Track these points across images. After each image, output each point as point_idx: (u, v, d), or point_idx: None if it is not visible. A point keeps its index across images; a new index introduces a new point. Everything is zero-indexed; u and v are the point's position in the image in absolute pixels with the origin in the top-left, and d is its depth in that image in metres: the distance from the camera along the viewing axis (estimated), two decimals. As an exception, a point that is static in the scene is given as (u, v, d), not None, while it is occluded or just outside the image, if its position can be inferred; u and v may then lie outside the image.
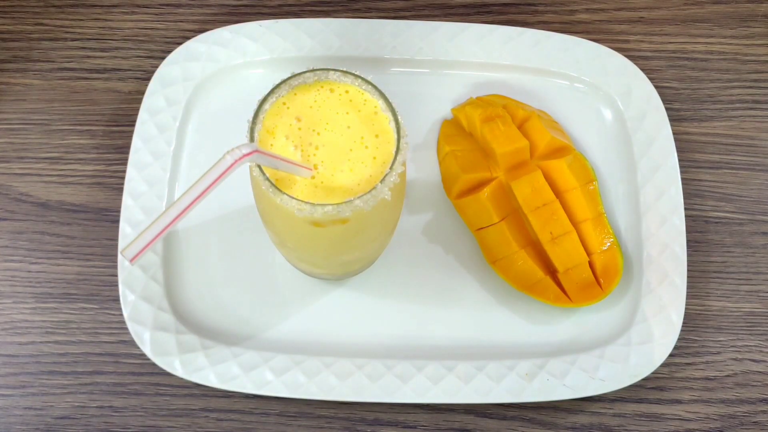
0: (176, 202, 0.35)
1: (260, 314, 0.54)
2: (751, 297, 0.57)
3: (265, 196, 0.41)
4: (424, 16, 0.64)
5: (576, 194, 0.55)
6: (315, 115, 0.43)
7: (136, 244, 0.34)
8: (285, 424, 0.52)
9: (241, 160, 0.37)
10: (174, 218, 0.35)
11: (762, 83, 0.63)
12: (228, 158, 0.36)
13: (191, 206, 0.36)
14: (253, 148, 0.37)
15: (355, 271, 0.53)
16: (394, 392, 0.50)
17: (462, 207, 0.56)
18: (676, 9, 0.65)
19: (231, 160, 0.36)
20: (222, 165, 0.36)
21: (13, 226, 0.57)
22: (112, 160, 0.58)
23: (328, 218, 0.41)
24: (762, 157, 0.60)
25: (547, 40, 0.60)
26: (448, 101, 0.60)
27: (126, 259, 0.34)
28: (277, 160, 0.39)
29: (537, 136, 0.56)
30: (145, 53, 0.62)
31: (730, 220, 0.59)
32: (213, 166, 0.36)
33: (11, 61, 0.61)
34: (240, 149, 0.37)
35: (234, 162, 0.36)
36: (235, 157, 0.36)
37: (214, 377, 0.50)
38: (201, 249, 0.55)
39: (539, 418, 0.53)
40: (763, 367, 0.55)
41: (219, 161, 0.36)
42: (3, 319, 0.54)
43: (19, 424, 0.52)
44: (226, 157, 0.36)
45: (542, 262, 0.54)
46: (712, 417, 0.54)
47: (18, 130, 0.59)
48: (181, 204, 0.35)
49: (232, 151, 0.37)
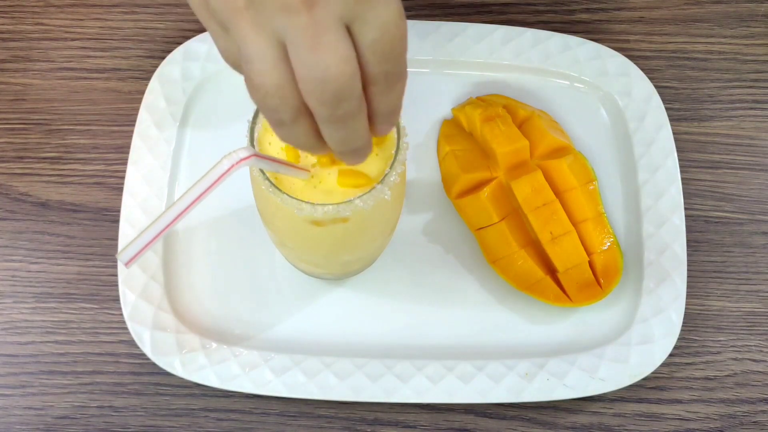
0: (172, 206, 0.35)
1: (260, 314, 0.54)
2: (751, 297, 0.57)
3: (265, 195, 0.41)
4: (424, 16, 0.64)
5: (576, 194, 0.55)
6: None
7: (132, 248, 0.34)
8: (285, 424, 0.52)
9: (238, 165, 0.36)
10: (170, 222, 0.35)
11: (762, 83, 0.63)
12: (225, 162, 0.36)
13: (187, 210, 0.35)
14: (251, 152, 0.37)
15: (355, 271, 0.53)
16: (394, 392, 0.50)
17: (462, 207, 0.56)
18: (676, 9, 0.65)
19: (228, 165, 0.36)
20: (219, 169, 0.36)
21: (13, 226, 0.57)
22: (112, 159, 0.58)
23: (328, 218, 0.41)
24: (762, 157, 0.60)
25: (547, 40, 0.60)
26: (448, 101, 0.60)
27: (121, 262, 0.34)
28: (275, 164, 0.39)
29: (537, 136, 0.56)
30: (145, 53, 0.62)
31: (730, 220, 0.59)
32: (210, 170, 0.36)
33: (11, 61, 0.61)
34: (237, 153, 0.37)
35: (231, 166, 0.36)
36: (232, 162, 0.36)
37: (214, 377, 0.50)
38: (201, 249, 0.55)
39: (539, 418, 0.53)
40: (763, 367, 0.55)
41: (216, 165, 0.36)
42: (3, 319, 0.54)
43: (19, 424, 0.52)
44: (223, 162, 0.36)
45: (542, 262, 0.54)
46: (712, 417, 0.54)
47: (18, 130, 0.59)
48: (177, 208, 0.35)
49: (230, 155, 0.36)
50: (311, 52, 0.29)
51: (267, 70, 0.31)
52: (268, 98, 0.31)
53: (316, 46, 0.29)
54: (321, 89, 0.30)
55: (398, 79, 0.33)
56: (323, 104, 0.31)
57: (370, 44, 0.30)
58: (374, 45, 0.30)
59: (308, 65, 0.30)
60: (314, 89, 0.30)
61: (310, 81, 0.30)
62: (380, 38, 0.30)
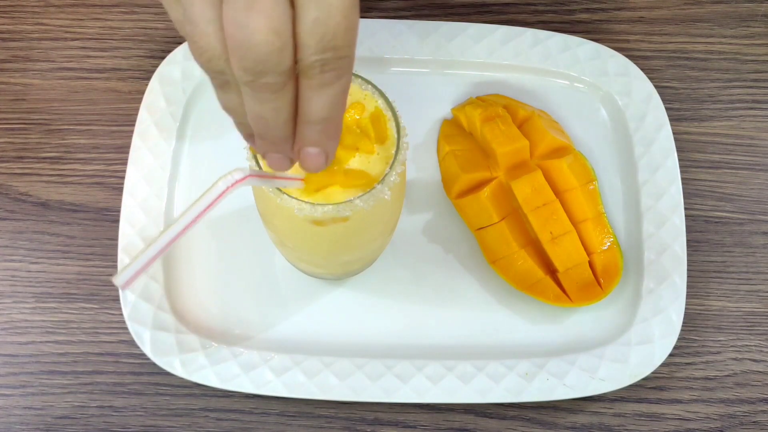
0: (167, 229, 0.35)
1: (260, 314, 0.54)
2: (751, 297, 0.57)
3: (265, 196, 0.41)
4: (424, 16, 0.64)
5: (576, 194, 0.55)
6: None
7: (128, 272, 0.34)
8: (285, 423, 0.52)
9: (233, 187, 0.36)
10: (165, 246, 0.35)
11: (762, 83, 0.63)
12: (220, 184, 0.36)
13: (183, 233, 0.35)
14: (246, 173, 0.37)
15: (355, 271, 0.53)
16: (394, 392, 0.50)
17: (462, 207, 0.56)
18: (676, 9, 0.65)
19: (223, 187, 0.36)
20: (214, 191, 0.36)
21: (13, 226, 0.57)
22: (112, 159, 0.58)
23: (328, 218, 0.41)
24: (762, 157, 0.60)
25: (547, 40, 0.60)
26: (448, 101, 0.60)
27: (118, 285, 0.34)
28: (270, 180, 0.39)
29: (537, 136, 0.56)
30: (145, 53, 0.62)
31: (730, 220, 0.59)
32: (205, 192, 0.36)
33: (11, 61, 0.61)
34: (233, 175, 0.36)
35: (226, 188, 0.36)
36: (227, 184, 0.36)
37: (214, 377, 0.50)
38: (201, 249, 0.55)
39: (539, 418, 0.53)
40: (763, 366, 0.55)
41: (211, 187, 0.36)
42: (3, 319, 0.54)
43: (19, 424, 0.52)
44: (218, 183, 0.36)
45: (542, 262, 0.54)
46: (712, 417, 0.54)
47: (18, 130, 0.59)
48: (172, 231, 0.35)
49: (225, 177, 0.36)
50: (243, 11, 0.28)
51: (211, 32, 0.29)
52: (213, 61, 0.30)
53: (250, 7, 0.28)
54: (243, 53, 0.28)
55: (336, 78, 0.30)
56: (242, 68, 0.29)
57: (310, 24, 0.28)
58: (314, 26, 0.28)
59: (236, 23, 0.28)
60: (236, 50, 0.29)
61: (234, 40, 0.28)
62: (322, 20, 0.28)
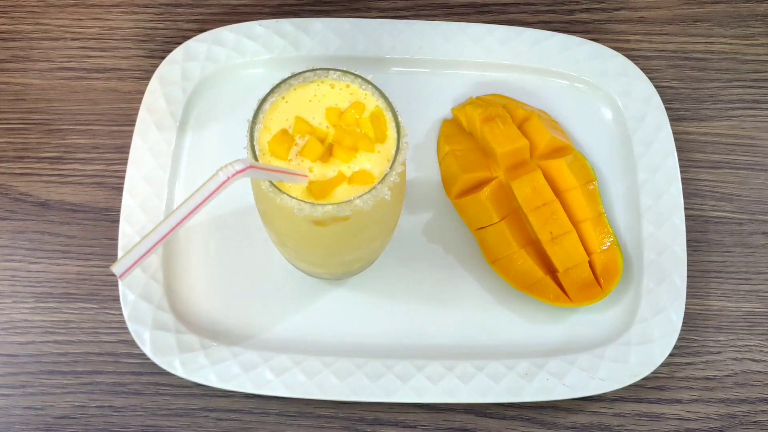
0: (167, 218, 0.35)
1: (260, 314, 0.54)
2: (751, 297, 0.57)
3: (265, 195, 0.41)
4: (424, 16, 0.64)
5: (576, 194, 0.55)
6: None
7: (125, 261, 0.34)
8: (285, 423, 0.52)
9: (234, 177, 0.36)
10: (164, 235, 0.35)
11: (762, 83, 0.63)
12: (221, 175, 0.36)
13: (182, 222, 0.35)
14: (247, 164, 0.37)
15: (355, 270, 0.53)
16: (394, 392, 0.50)
17: (462, 207, 0.56)
18: (676, 9, 0.65)
19: (224, 177, 0.36)
20: (214, 181, 0.36)
21: (13, 226, 0.57)
22: (112, 159, 0.58)
23: (328, 217, 0.41)
24: (762, 157, 0.60)
25: (547, 40, 0.60)
26: (448, 101, 0.60)
27: (116, 275, 0.34)
28: (271, 173, 0.39)
29: (537, 136, 0.56)
30: (145, 53, 0.62)
31: (730, 220, 0.59)
32: (205, 182, 0.36)
33: (11, 61, 0.61)
34: (233, 165, 0.36)
35: (227, 179, 0.36)
36: (228, 174, 0.36)
37: (214, 377, 0.50)
38: (201, 249, 0.55)
39: (539, 418, 0.53)
40: (763, 366, 0.55)
41: (211, 177, 0.36)
42: (3, 319, 0.54)
43: (19, 423, 0.52)
44: (219, 174, 0.36)
45: (542, 262, 0.54)
46: (712, 417, 0.54)
47: (18, 130, 0.59)
48: (172, 220, 0.35)
49: (225, 168, 0.36)
50: None
51: None
52: None
53: None
54: None
55: None
56: None
57: None
58: None
59: None
60: None
61: None
62: None
